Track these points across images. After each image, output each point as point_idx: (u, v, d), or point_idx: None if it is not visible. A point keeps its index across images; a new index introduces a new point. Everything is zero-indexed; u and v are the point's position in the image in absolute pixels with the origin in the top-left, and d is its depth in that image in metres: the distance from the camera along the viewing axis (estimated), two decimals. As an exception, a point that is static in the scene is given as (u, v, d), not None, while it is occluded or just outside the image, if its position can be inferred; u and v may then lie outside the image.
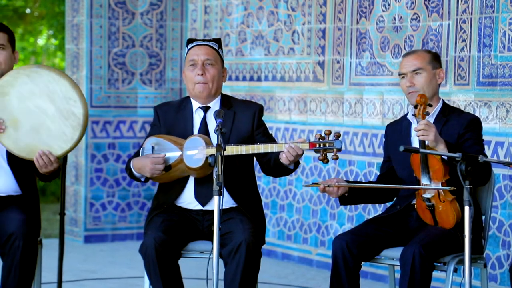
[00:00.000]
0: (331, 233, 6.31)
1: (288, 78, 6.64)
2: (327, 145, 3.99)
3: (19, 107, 4.09)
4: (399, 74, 4.31)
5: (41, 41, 17.50)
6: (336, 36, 6.25)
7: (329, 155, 4.01)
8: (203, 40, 4.32)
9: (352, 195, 4.24)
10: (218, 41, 4.33)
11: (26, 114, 4.08)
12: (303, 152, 4.02)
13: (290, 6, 6.59)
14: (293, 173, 6.53)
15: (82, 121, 4.08)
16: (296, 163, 4.12)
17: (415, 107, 4.09)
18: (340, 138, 4.00)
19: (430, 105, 4.13)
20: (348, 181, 4.28)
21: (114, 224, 7.36)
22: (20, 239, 3.99)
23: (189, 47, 4.31)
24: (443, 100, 4.33)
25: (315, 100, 6.44)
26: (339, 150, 3.98)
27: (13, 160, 4.19)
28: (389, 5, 5.90)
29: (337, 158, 3.99)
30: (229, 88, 7.03)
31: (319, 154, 4.01)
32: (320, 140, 4.00)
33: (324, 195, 6.36)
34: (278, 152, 4.08)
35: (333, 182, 4.17)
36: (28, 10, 15.07)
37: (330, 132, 4.00)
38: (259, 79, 6.87)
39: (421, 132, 4.02)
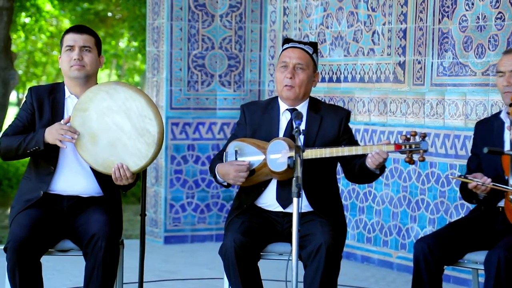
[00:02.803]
0: (411, 236, 6.22)
1: (367, 79, 6.58)
2: (413, 146, 3.94)
3: (97, 122, 4.14)
4: (497, 72, 4.21)
5: (122, 44, 17.77)
6: (417, 36, 6.16)
7: (415, 157, 3.96)
8: (299, 42, 4.29)
9: (490, 196, 4.15)
10: (314, 45, 4.29)
11: (103, 129, 4.13)
12: (388, 155, 3.98)
13: (370, 7, 6.52)
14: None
15: (157, 139, 4.10)
16: (382, 168, 4.07)
17: (510, 105, 4.00)
18: (426, 139, 3.94)
19: None
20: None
21: (194, 225, 7.41)
22: (103, 240, 4.04)
23: (284, 47, 4.29)
24: None
25: (395, 101, 6.36)
26: (425, 151, 3.92)
27: (94, 162, 4.24)
28: (472, 4, 5.78)
29: (423, 160, 3.93)
30: (308, 90, 6.99)
31: (404, 156, 3.96)
32: (406, 141, 3.95)
33: (405, 198, 6.27)
34: (363, 158, 4.04)
35: (486, 180, 4.06)
36: (109, 14, 15.33)
37: (416, 133, 3.94)
38: (338, 80, 6.82)
39: None
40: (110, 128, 4.13)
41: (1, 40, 10.27)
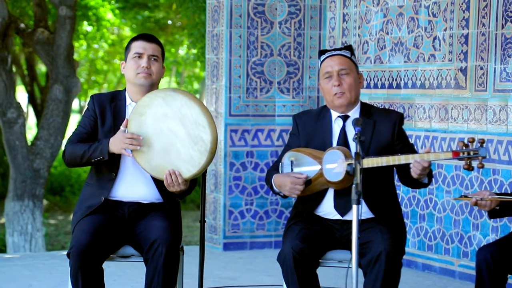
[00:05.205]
0: (474, 244, 6.13)
1: (428, 85, 6.51)
2: (471, 153, 3.88)
3: (153, 127, 4.18)
4: None
5: (182, 51, 17.92)
6: (479, 42, 6.07)
7: (474, 163, 3.90)
8: (335, 49, 4.29)
9: (504, 208, 4.09)
10: (349, 48, 4.30)
11: (158, 134, 4.17)
12: (430, 164, 3.92)
13: (431, 12, 6.45)
14: (433, 182, 6.39)
15: (210, 147, 4.12)
16: (430, 176, 4.02)
17: None
18: (484, 145, 3.88)
19: None
20: (497, 193, 4.13)
21: (253, 232, 7.41)
22: (163, 246, 4.06)
23: (321, 58, 4.29)
24: None
25: (456, 108, 6.28)
26: (484, 157, 3.86)
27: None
28: (535, 8, 5.69)
29: (482, 167, 3.87)
30: (368, 96, 6.95)
31: (463, 163, 3.91)
32: (464, 148, 3.89)
33: (467, 205, 6.18)
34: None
35: (485, 195, 4.03)
36: (169, 22, 15.47)
37: (473, 140, 3.88)
38: (398, 86, 6.77)
39: None
40: (164, 134, 4.17)
41: (64, 48, 10.45)
